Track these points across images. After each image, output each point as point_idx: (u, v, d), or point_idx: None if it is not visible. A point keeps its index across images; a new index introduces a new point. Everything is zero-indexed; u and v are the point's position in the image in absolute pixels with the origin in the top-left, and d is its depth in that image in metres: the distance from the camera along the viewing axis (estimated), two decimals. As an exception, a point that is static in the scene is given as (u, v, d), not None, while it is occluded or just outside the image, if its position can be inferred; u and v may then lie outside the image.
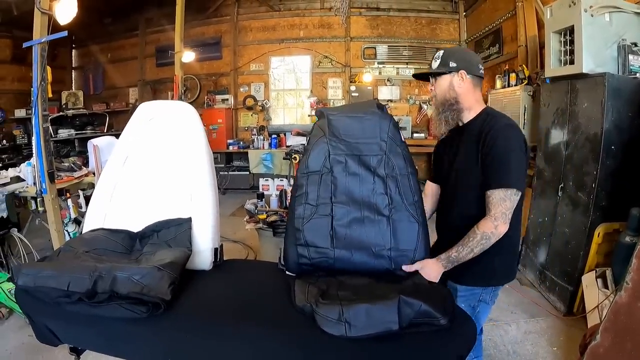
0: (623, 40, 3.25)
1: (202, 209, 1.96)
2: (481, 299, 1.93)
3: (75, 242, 1.92)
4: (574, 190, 3.45)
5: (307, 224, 1.81)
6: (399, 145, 1.86)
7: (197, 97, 9.02)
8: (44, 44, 3.45)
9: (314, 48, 8.61)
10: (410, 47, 8.39)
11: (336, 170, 1.84)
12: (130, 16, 9.16)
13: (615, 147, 3.12)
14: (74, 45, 10.19)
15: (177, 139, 2.06)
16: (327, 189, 1.83)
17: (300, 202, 1.83)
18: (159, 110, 2.18)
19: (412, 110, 8.51)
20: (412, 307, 1.43)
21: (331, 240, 1.79)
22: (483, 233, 1.70)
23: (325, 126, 1.89)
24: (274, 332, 1.48)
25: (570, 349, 2.86)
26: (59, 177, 4.12)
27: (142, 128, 2.15)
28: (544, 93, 4.05)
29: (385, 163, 1.84)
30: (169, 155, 2.05)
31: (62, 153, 8.04)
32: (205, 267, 1.92)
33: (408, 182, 1.82)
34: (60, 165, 4.61)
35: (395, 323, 1.40)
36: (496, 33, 6.82)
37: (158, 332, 1.51)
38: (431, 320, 1.44)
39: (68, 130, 8.66)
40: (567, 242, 3.50)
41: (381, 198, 1.81)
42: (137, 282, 1.53)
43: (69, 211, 4.11)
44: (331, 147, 1.85)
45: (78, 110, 9.15)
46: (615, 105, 3.09)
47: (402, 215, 1.80)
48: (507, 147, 1.72)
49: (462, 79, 1.87)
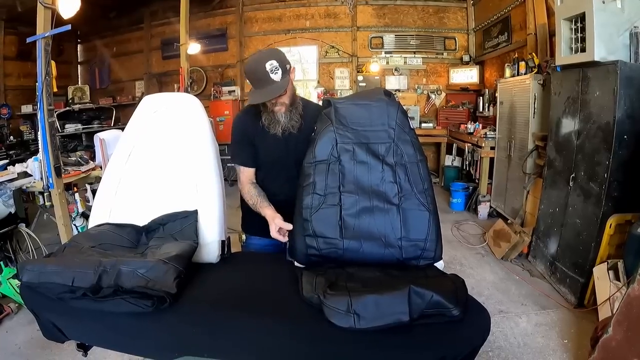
0: (635, 27, 3.17)
1: (208, 201, 1.94)
2: None
3: (81, 238, 1.89)
4: (585, 181, 3.40)
5: (315, 214, 1.79)
6: (408, 132, 1.84)
7: (203, 89, 8.99)
8: (48, 38, 3.43)
9: (320, 38, 8.52)
10: (417, 36, 8.27)
11: (344, 158, 1.82)
12: (135, 9, 9.13)
13: (628, 136, 3.06)
14: (79, 40, 10.19)
15: (182, 131, 2.03)
16: (335, 178, 1.81)
17: (308, 192, 1.81)
18: (164, 102, 2.15)
19: (420, 99, 8.41)
20: (423, 297, 1.40)
21: (340, 230, 1.77)
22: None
23: (332, 114, 1.87)
24: (282, 325, 1.46)
25: (581, 341, 2.83)
26: (66, 172, 4.11)
27: (146, 121, 2.13)
28: (554, 81, 3.98)
29: (393, 151, 1.81)
30: (174, 148, 2.02)
31: (69, 148, 8.07)
32: (212, 259, 1.90)
33: (418, 169, 1.80)
34: (67, 159, 4.61)
35: (406, 314, 1.37)
36: (504, 21, 6.72)
37: (164, 326, 1.49)
38: (443, 311, 1.41)
39: (75, 125, 8.69)
40: (579, 233, 3.45)
41: (390, 186, 1.79)
42: (142, 275, 1.51)
43: (76, 205, 4.11)
44: (338, 135, 1.83)
45: (85, 104, 9.18)
46: (627, 93, 3.03)
47: (412, 204, 1.77)
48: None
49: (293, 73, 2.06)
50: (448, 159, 7.52)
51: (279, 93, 1.93)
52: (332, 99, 1.95)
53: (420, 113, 8.20)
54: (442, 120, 7.99)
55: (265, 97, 1.94)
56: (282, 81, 1.92)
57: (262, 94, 1.94)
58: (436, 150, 8.18)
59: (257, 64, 1.91)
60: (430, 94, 8.36)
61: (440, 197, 6.54)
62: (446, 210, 6.29)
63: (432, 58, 8.36)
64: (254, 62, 1.95)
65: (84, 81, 10.18)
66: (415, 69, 8.42)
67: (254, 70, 1.92)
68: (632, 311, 2.10)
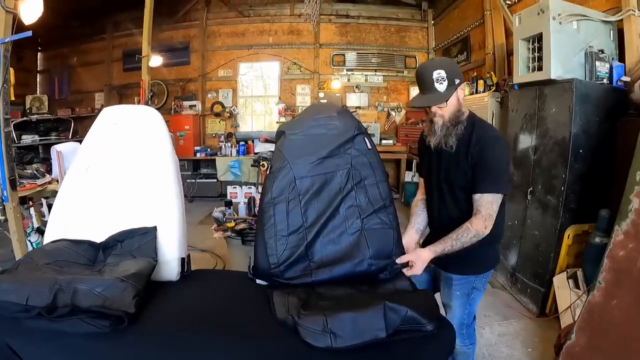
0: (590, 47, 3.33)
1: (167, 218, 1.89)
2: (474, 285, 2.04)
3: (36, 254, 1.82)
4: (543, 194, 3.50)
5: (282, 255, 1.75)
6: (366, 154, 1.86)
7: (164, 103, 8.82)
8: (8, 44, 3.28)
9: (282, 54, 8.55)
10: (379, 55, 8.42)
11: (303, 194, 1.80)
12: (98, 19, 8.91)
13: (584, 150, 3.18)
14: (40, 47, 9.84)
15: (142, 144, 1.98)
16: (296, 216, 1.79)
17: (270, 235, 1.77)
18: (123, 114, 2.10)
19: (380, 117, 8.54)
20: (398, 313, 1.39)
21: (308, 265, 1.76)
22: (476, 232, 1.80)
23: (287, 149, 1.85)
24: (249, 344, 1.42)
25: (545, 349, 2.88)
26: (21, 185, 3.97)
27: (105, 133, 2.07)
28: (512, 99, 4.10)
29: (352, 176, 1.83)
30: (133, 162, 1.97)
31: (25, 160, 7.73)
32: (172, 277, 1.85)
33: (378, 190, 1.83)
34: (22, 172, 4.44)
35: (383, 330, 1.37)
36: (464, 41, 6.92)
37: (122, 347, 1.43)
38: (417, 326, 1.41)
39: (32, 136, 8.32)
40: (538, 244, 3.54)
41: (351, 211, 1.80)
42: (98, 294, 1.46)
43: (31, 220, 3.94)
44: (295, 171, 1.81)
45: (42, 115, 8.82)
46: (583, 110, 3.15)
47: (375, 224, 1.80)
48: (495, 157, 1.84)
49: (463, 90, 1.91)
50: (408, 175, 7.55)
51: (436, 103, 1.86)
52: (286, 130, 1.94)
53: (381, 130, 8.31)
54: (402, 137, 8.09)
55: (421, 103, 1.91)
56: (445, 93, 1.83)
57: (421, 100, 1.90)
58: (396, 166, 8.24)
59: (426, 69, 1.86)
60: (391, 111, 8.49)
61: (401, 212, 6.49)
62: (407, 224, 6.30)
63: (392, 76, 8.51)
64: (424, 67, 1.89)
65: (42, 91, 9.80)
66: (376, 87, 8.56)
67: (422, 74, 1.87)
68: (594, 317, 2.17)
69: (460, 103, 1.90)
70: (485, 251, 1.97)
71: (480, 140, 1.83)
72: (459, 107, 1.89)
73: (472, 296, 2.06)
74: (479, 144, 1.83)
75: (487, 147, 1.83)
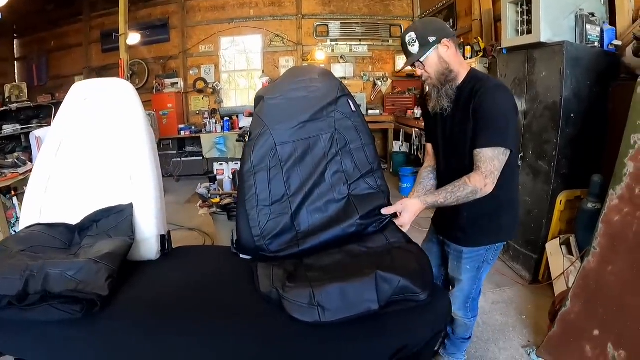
0: (580, 10, 3.25)
1: (143, 193, 1.80)
2: (485, 259, 1.95)
3: (9, 242, 1.74)
4: (534, 159, 3.44)
5: (265, 226, 1.67)
6: (350, 117, 1.77)
7: (145, 82, 8.60)
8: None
9: (265, 27, 8.34)
10: (363, 24, 8.23)
11: (285, 161, 1.71)
12: (73, 1, 8.63)
13: (575, 115, 3.11)
14: (15, 35, 9.55)
15: (114, 118, 1.88)
16: (279, 185, 1.70)
17: (252, 205, 1.68)
18: (93, 89, 1.99)
19: (366, 87, 8.40)
20: (390, 283, 1.31)
21: (295, 236, 1.67)
22: (474, 187, 1.65)
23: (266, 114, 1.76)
24: (233, 324, 1.35)
25: (539, 315, 2.86)
26: (3, 175, 3.86)
27: (76, 110, 1.96)
28: (500, 64, 4.01)
29: (336, 140, 1.74)
30: (106, 137, 1.87)
31: (7, 150, 7.56)
32: (152, 256, 1.77)
33: (364, 154, 1.74)
34: (3, 162, 4.32)
35: (375, 302, 1.29)
36: (450, 8, 6.78)
37: (97, 333, 1.35)
38: (410, 296, 1.34)
39: (13, 126, 8.13)
40: (529, 211, 3.50)
41: (337, 177, 1.72)
42: (71, 278, 1.38)
43: (15, 210, 3.84)
44: (275, 137, 1.71)
45: (22, 103, 8.61)
46: (574, 73, 3.07)
47: (363, 189, 1.72)
48: (496, 106, 1.68)
49: (447, 47, 1.75)
50: (396, 144, 7.54)
51: (407, 65, 1.80)
52: (265, 95, 1.83)
53: (367, 100, 8.20)
54: (388, 106, 7.97)
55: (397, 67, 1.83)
56: (417, 54, 1.74)
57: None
58: (383, 136, 8.16)
59: (403, 35, 1.79)
60: (377, 81, 8.34)
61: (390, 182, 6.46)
62: (396, 195, 6.24)
63: (377, 45, 8.32)
64: (403, 33, 1.82)
65: (21, 78, 9.56)
66: (361, 57, 8.39)
67: (401, 40, 1.80)
68: (589, 283, 2.14)
69: (446, 61, 1.75)
70: (497, 219, 1.88)
71: (480, 90, 1.70)
72: (446, 66, 1.76)
73: (482, 270, 1.99)
74: (478, 94, 1.69)
75: (487, 96, 1.68)
